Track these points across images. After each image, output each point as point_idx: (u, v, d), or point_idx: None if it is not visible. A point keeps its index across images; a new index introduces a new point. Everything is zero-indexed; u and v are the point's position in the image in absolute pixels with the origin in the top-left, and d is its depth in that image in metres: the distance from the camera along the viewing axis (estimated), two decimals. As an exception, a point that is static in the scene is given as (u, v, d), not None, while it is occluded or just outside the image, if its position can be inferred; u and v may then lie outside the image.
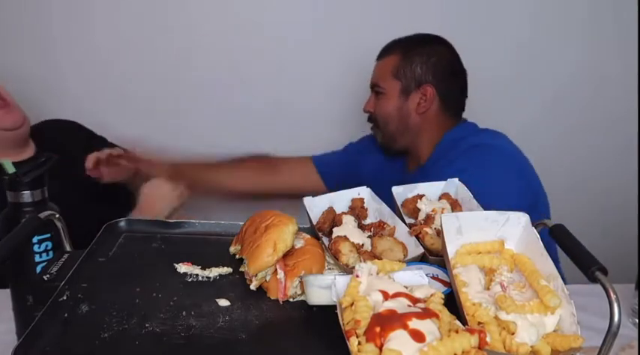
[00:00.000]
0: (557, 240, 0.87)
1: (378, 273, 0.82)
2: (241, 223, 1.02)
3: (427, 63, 1.59)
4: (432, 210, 1.07)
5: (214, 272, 0.93)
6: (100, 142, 1.86)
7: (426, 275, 0.86)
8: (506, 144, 1.58)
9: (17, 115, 1.57)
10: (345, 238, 0.97)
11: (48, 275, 0.89)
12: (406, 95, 1.60)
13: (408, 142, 1.66)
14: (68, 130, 1.82)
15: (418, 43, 1.63)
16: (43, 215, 0.93)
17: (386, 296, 0.75)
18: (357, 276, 0.79)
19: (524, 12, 2.01)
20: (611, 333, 0.71)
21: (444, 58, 1.62)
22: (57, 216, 0.96)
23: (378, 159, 1.80)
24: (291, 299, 0.87)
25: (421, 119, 1.62)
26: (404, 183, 1.49)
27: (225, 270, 0.94)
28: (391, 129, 1.64)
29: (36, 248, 0.99)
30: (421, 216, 1.08)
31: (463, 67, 1.65)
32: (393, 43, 1.66)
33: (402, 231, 1.02)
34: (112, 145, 1.88)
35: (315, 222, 1.07)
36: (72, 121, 1.86)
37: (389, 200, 1.11)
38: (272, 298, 0.87)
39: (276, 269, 0.88)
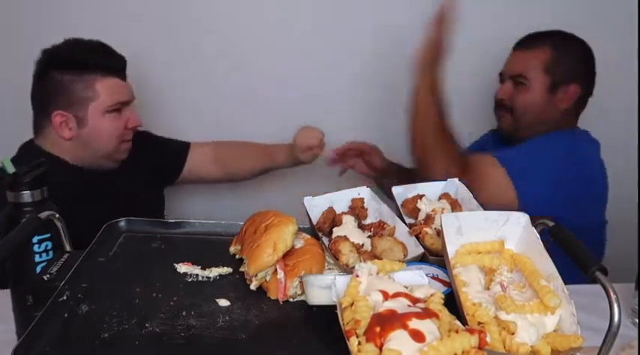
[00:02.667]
0: (557, 240, 0.86)
1: (378, 273, 0.82)
2: (241, 223, 1.02)
3: (577, 62, 1.62)
4: (432, 210, 1.07)
5: (214, 272, 0.93)
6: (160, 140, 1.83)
7: (426, 275, 0.86)
8: (587, 143, 1.63)
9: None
10: (345, 238, 0.97)
11: (48, 275, 0.89)
12: (553, 91, 1.62)
13: (538, 131, 1.66)
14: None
15: (567, 40, 1.65)
16: (43, 215, 0.93)
17: (386, 296, 0.75)
18: (357, 276, 0.79)
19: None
20: (611, 333, 0.71)
21: (589, 59, 1.65)
22: (57, 216, 0.96)
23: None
24: (291, 299, 0.87)
25: (560, 115, 1.65)
26: None
27: (225, 270, 0.94)
28: (529, 119, 1.65)
29: (36, 248, 0.99)
30: (421, 216, 1.08)
31: (596, 68, 1.67)
32: (541, 35, 1.66)
33: (402, 231, 1.02)
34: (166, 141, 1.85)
35: (315, 222, 1.07)
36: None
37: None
38: (272, 298, 0.87)
39: (276, 270, 0.88)
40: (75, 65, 1.45)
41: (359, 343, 0.68)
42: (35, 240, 0.99)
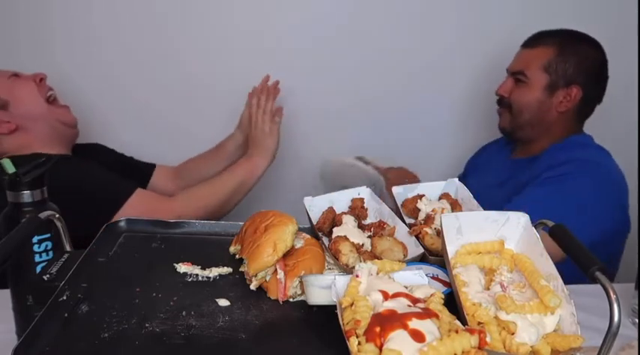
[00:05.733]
0: (558, 240, 0.86)
1: (378, 273, 0.82)
2: (241, 223, 1.02)
3: (581, 64, 1.59)
4: (432, 210, 1.07)
5: (214, 272, 0.93)
6: (125, 159, 1.90)
7: (426, 275, 0.86)
8: (614, 167, 1.58)
9: (73, 115, 1.68)
10: (345, 238, 0.97)
11: (48, 275, 0.89)
12: (551, 91, 1.60)
13: (533, 134, 1.66)
14: (99, 152, 1.84)
15: (574, 41, 1.62)
16: (43, 215, 0.93)
17: (386, 296, 0.75)
18: (357, 276, 0.79)
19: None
20: (611, 333, 0.71)
21: (598, 62, 1.62)
22: (57, 215, 0.96)
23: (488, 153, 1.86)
24: (291, 299, 0.87)
25: (557, 116, 1.62)
26: (508, 168, 1.66)
27: (225, 270, 0.94)
28: (524, 119, 1.64)
29: (36, 248, 0.99)
30: (421, 216, 1.08)
31: (608, 73, 1.64)
32: (547, 34, 1.64)
33: (402, 231, 1.02)
34: (134, 161, 1.92)
35: (315, 222, 1.07)
36: (97, 143, 1.88)
37: (492, 184, 1.07)
38: (272, 298, 0.87)
39: (276, 270, 0.88)
40: None
41: (359, 343, 0.68)
42: (35, 240, 0.99)
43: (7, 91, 1.56)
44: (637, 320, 1.17)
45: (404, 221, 1.07)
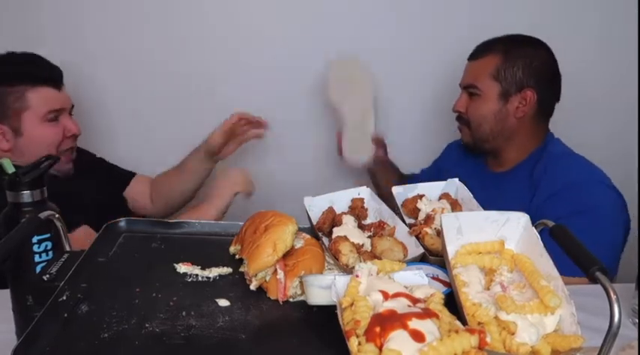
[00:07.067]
0: (558, 240, 0.86)
1: (378, 273, 0.82)
2: (241, 223, 1.02)
3: (530, 66, 1.55)
4: (432, 210, 1.07)
5: (214, 272, 0.93)
6: (105, 165, 1.86)
7: (426, 275, 0.86)
8: (609, 182, 1.53)
9: (69, 167, 1.63)
10: (345, 238, 0.97)
11: (48, 276, 0.89)
12: (505, 98, 1.56)
13: (498, 144, 1.63)
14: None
15: (519, 45, 1.59)
16: (42, 215, 0.93)
17: (386, 296, 0.75)
18: (357, 276, 0.79)
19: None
20: (611, 333, 0.71)
21: (546, 62, 1.58)
22: (57, 215, 0.96)
23: (459, 164, 1.81)
24: (291, 299, 0.87)
25: (517, 123, 1.59)
26: (487, 183, 1.60)
27: (225, 270, 0.94)
28: (485, 131, 1.60)
29: (36, 248, 0.99)
30: (421, 216, 1.08)
31: (559, 71, 1.61)
32: (490, 43, 1.61)
33: (402, 231, 1.02)
34: (113, 167, 1.88)
35: (315, 222, 1.07)
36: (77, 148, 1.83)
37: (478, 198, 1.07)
38: (272, 298, 0.87)
39: (276, 270, 0.88)
40: (5, 77, 1.49)
41: (359, 343, 0.68)
42: (35, 240, 0.98)
43: (31, 129, 1.51)
44: (637, 321, 1.17)
45: (403, 220, 1.07)
